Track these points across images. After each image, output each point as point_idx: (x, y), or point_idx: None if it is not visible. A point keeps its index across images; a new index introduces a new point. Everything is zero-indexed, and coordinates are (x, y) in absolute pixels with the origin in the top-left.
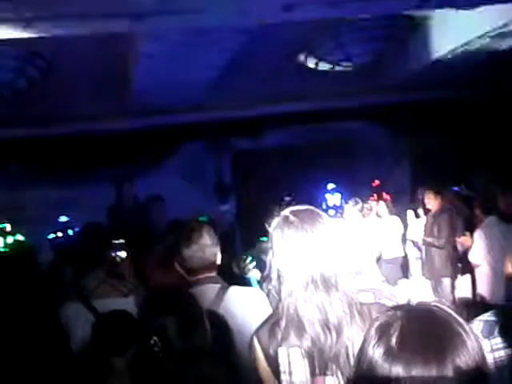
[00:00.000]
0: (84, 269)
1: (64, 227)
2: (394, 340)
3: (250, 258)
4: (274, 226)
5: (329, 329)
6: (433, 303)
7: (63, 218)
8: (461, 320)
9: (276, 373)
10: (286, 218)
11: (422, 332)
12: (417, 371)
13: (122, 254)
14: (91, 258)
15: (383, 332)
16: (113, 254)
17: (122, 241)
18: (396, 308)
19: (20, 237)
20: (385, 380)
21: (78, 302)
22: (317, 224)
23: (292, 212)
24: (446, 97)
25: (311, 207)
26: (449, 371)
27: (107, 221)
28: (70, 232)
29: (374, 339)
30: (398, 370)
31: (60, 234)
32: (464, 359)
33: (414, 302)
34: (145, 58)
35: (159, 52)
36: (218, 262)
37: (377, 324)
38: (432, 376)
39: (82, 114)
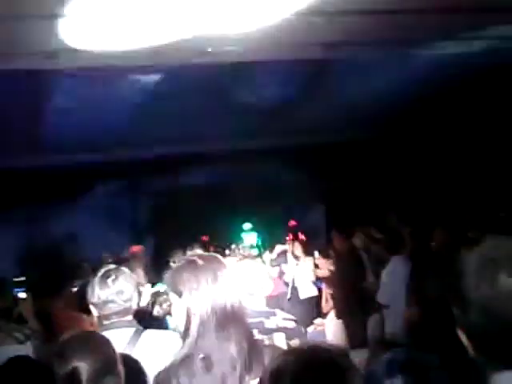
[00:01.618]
0: None
1: None
2: None
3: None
4: (182, 269)
5: (234, 368)
6: (322, 344)
7: None
8: (348, 359)
9: None
10: (194, 261)
11: (312, 377)
12: None
13: (22, 294)
14: None
15: (277, 379)
16: (12, 294)
17: (22, 278)
18: (287, 353)
19: None
20: None
21: None
22: (222, 268)
23: (199, 256)
24: (357, 138)
25: (214, 254)
26: None
27: (18, 263)
28: None
29: None
30: None
31: None
32: None
33: (304, 344)
34: (58, 93)
35: (73, 88)
36: (134, 306)
37: (269, 370)
38: None
39: None
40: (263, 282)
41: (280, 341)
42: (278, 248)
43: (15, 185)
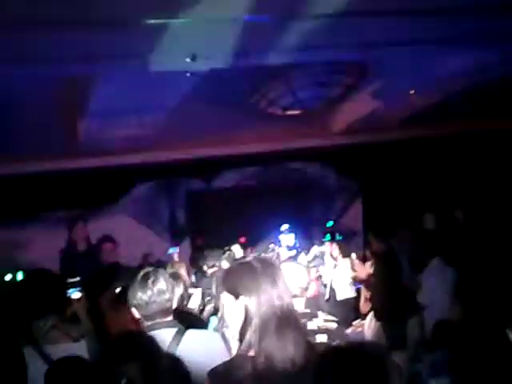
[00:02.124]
0: (35, 313)
1: (13, 270)
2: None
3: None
4: (239, 271)
5: (293, 368)
6: (362, 342)
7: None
8: (388, 355)
9: None
10: (251, 264)
11: (351, 373)
12: None
13: (77, 294)
14: (42, 303)
15: (319, 375)
16: (67, 295)
17: (77, 279)
18: (328, 350)
19: None
20: None
21: (29, 346)
22: (278, 270)
23: (255, 259)
24: (393, 138)
25: (266, 256)
26: None
27: (59, 263)
28: (20, 275)
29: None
30: None
31: (8, 277)
32: None
33: (344, 342)
34: (94, 97)
35: (109, 92)
36: (174, 305)
37: (313, 366)
38: None
39: (31, 154)
40: (305, 283)
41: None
42: (315, 249)
43: (54, 188)
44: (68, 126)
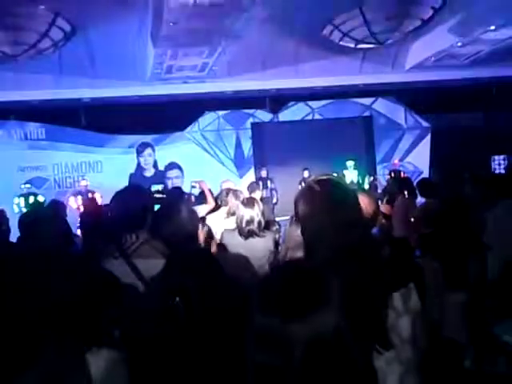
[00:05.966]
0: (127, 228)
1: (85, 190)
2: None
3: None
4: (298, 195)
5: None
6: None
7: (83, 182)
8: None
9: None
10: (311, 187)
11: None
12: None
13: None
14: (134, 218)
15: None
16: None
17: (164, 195)
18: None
19: (41, 198)
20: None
21: (119, 259)
22: (340, 194)
23: (316, 181)
24: (467, 77)
25: (334, 176)
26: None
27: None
28: (90, 195)
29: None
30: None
31: (79, 197)
32: None
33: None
34: (165, 24)
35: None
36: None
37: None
38: None
39: (104, 80)
40: (371, 214)
41: None
42: (379, 185)
43: (125, 114)
44: (139, 54)
